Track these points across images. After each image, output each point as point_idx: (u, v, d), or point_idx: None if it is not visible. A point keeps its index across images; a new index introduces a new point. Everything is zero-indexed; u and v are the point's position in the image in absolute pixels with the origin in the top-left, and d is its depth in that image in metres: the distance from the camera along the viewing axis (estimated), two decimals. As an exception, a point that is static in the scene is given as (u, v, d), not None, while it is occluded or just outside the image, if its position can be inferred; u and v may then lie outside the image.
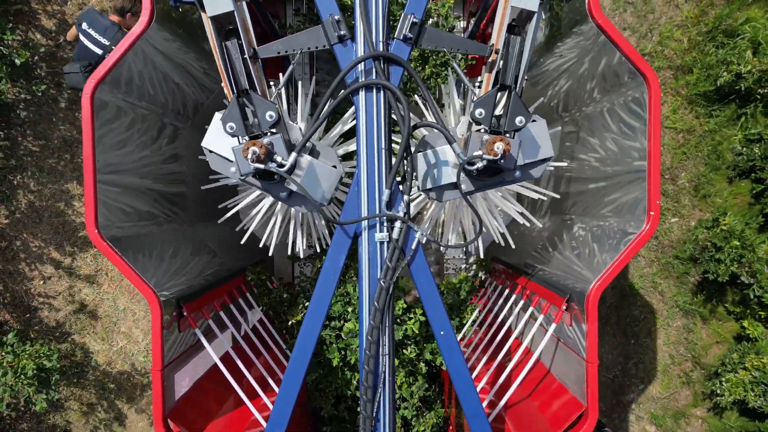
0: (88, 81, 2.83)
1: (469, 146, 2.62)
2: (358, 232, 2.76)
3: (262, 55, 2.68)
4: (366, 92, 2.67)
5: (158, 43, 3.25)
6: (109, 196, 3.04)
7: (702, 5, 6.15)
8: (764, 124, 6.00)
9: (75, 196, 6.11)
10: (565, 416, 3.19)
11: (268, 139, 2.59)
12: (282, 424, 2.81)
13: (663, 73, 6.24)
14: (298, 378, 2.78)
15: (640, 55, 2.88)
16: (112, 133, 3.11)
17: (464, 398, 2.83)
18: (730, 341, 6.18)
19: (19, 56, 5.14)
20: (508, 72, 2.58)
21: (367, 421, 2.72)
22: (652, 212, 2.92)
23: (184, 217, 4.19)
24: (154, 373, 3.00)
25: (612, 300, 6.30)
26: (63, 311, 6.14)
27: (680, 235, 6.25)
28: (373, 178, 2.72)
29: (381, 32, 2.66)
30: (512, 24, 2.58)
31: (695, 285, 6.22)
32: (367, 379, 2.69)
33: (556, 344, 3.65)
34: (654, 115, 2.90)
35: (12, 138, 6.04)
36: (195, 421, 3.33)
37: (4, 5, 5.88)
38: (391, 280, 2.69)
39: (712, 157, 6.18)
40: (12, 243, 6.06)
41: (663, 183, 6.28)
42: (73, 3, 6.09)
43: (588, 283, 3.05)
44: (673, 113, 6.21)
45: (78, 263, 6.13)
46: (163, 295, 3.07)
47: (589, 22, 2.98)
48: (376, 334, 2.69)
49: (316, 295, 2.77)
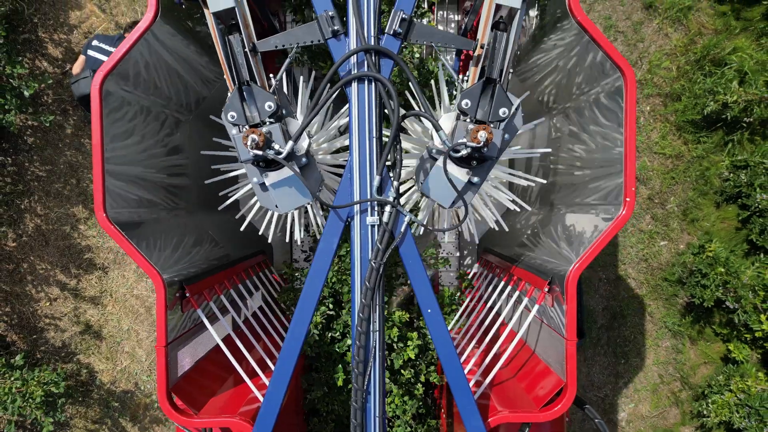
0: (97, 73, 3.01)
1: (455, 135, 2.78)
2: (351, 216, 2.93)
3: (261, 49, 2.84)
4: (358, 84, 2.83)
5: (163, 37, 3.40)
6: (115, 183, 3.20)
7: (690, 34, 6.33)
8: (750, 151, 6.17)
9: (81, 220, 6.28)
10: (547, 392, 3.38)
11: (267, 127, 2.76)
12: (278, 399, 2.99)
13: (653, 100, 6.42)
14: (294, 354, 2.96)
15: (617, 50, 3.04)
16: (118, 124, 3.27)
17: (450, 373, 2.99)
18: (717, 362, 6.35)
19: (28, 88, 5.31)
20: (494, 66, 2.74)
21: (358, 393, 2.90)
22: (628, 198, 3.07)
23: (186, 206, 4.33)
24: (158, 348, 3.17)
25: (603, 321, 6.48)
26: (68, 332, 6.31)
27: (669, 257, 6.42)
28: (364, 165, 2.88)
29: (372, 27, 2.82)
30: (498, 20, 2.74)
31: (683, 307, 6.39)
32: (359, 353, 2.88)
33: (540, 326, 3.82)
34: (630, 105, 3.04)
35: (19, 163, 6.21)
36: (197, 397, 3.50)
37: (13, 34, 6.06)
38: (381, 260, 2.86)
39: (700, 183, 6.35)
40: (19, 265, 6.23)
41: (652, 207, 6.45)
42: (79, 31, 6.27)
43: (568, 266, 3.20)
44: (662, 139, 6.38)
45: (83, 285, 6.30)
46: (167, 276, 3.22)
47: (570, 19, 3.14)
48: (366, 312, 2.87)
49: (312, 273, 2.95)
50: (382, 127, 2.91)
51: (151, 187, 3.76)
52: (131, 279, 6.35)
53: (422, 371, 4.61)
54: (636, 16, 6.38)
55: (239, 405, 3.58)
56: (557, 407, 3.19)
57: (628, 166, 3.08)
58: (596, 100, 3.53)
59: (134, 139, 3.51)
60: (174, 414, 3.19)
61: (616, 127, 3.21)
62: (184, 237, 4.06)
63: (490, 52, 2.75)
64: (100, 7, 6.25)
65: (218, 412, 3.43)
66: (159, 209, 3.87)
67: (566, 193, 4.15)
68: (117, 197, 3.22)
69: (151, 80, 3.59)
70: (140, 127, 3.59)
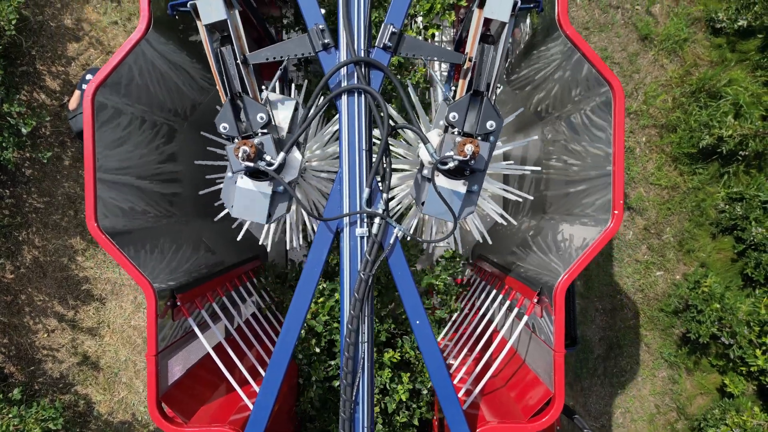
0: (89, 84, 3.03)
1: (443, 147, 2.78)
2: (341, 228, 2.94)
3: (252, 61, 2.86)
4: (348, 96, 2.86)
5: (156, 46, 3.42)
6: (107, 193, 3.20)
7: (686, 66, 6.35)
8: (746, 183, 6.19)
9: (78, 251, 6.30)
10: (535, 403, 3.39)
11: (259, 139, 2.77)
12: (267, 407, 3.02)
13: (648, 131, 6.44)
14: (284, 361, 2.98)
15: (605, 64, 3.06)
16: (110, 133, 3.28)
17: (438, 384, 3.01)
18: (713, 392, 6.36)
19: (26, 125, 5.33)
20: (482, 79, 2.75)
21: (347, 404, 2.90)
22: (616, 211, 3.08)
23: (180, 214, 4.34)
24: (148, 357, 3.16)
25: (600, 351, 6.49)
26: (66, 363, 6.32)
27: (665, 288, 6.44)
28: (354, 177, 2.90)
29: (362, 40, 2.84)
30: (486, 33, 2.75)
31: (680, 338, 6.41)
32: (347, 364, 2.89)
33: (530, 336, 3.82)
34: (618, 118, 3.06)
35: (17, 195, 6.24)
36: (187, 405, 3.49)
37: (11, 67, 6.08)
38: (371, 272, 2.87)
39: (696, 214, 6.37)
40: (17, 297, 6.26)
41: (648, 237, 6.47)
42: (77, 63, 6.30)
43: (557, 277, 3.21)
44: (658, 170, 6.40)
45: (81, 316, 6.32)
46: (158, 285, 3.21)
47: (560, 33, 3.15)
48: (355, 323, 2.87)
49: (301, 283, 2.97)
50: (372, 139, 2.93)
51: (145, 195, 3.76)
52: (129, 310, 6.37)
53: (416, 412, 4.63)
54: (632, 48, 6.41)
55: (230, 413, 3.58)
56: (545, 418, 3.20)
57: (616, 180, 3.09)
58: (586, 113, 3.55)
59: (127, 148, 3.51)
60: (163, 423, 3.18)
61: (606, 141, 3.22)
62: (177, 245, 4.05)
63: (477, 65, 2.75)
64: (98, 40, 6.28)
65: (209, 421, 3.42)
66: (152, 217, 3.86)
67: (558, 203, 4.16)
68: (109, 206, 3.22)
69: (144, 89, 3.59)
70: (133, 135, 3.59)
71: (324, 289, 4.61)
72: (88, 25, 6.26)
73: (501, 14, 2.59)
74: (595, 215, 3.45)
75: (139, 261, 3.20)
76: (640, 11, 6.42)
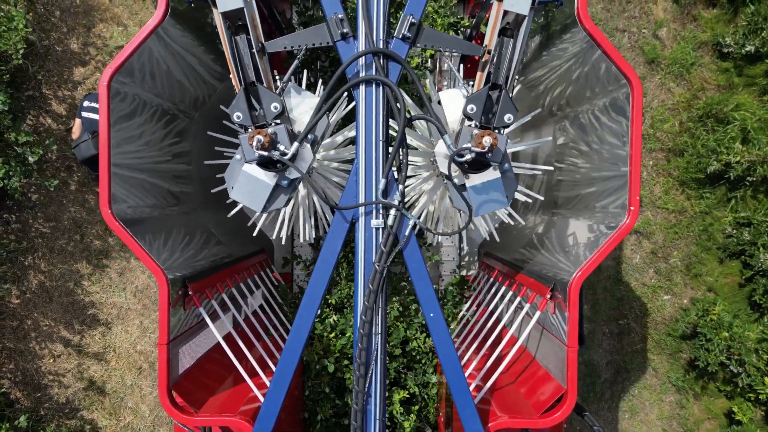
0: (105, 70, 3.02)
1: (459, 139, 2.77)
2: (356, 218, 2.93)
3: (269, 50, 2.84)
4: (366, 87, 2.85)
5: (171, 35, 3.41)
6: (120, 180, 3.21)
7: (693, 90, 6.34)
8: (753, 208, 6.18)
9: (84, 276, 6.28)
10: (547, 399, 3.38)
11: (273, 128, 2.77)
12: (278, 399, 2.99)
13: (655, 155, 6.43)
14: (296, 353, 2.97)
15: (625, 61, 3.03)
16: (124, 122, 3.28)
17: (451, 377, 3.00)
18: (721, 417, 6.34)
19: (33, 154, 5.32)
20: (500, 72, 2.75)
21: (359, 395, 2.90)
22: (631, 207, 3.08)
23: (189, 204, 4.34)
24: (160, 346, 3.17)
25: (607, 375, 6.47)
26: (72, 388, 6.30)
27: (673, 312, 6.42)
28: (370, 167, 2.89)
29: (381, 31, 2.83)
30: (505, 27, 2.74)
31: (687, 362, 6.39)
32: (361, 356, 2.88)
33: (540, 332, 3.81)
34: (636, 114, 3.06)
35: (23, 220, 6.22)
36: (196, 395, 3.49)
37: (17, 92, 6.07)
38: (385, 263, 2.86)
39: (703, 238, 6.35)
40: (23, 322, 6.24)
41: (656, 261, 6.46)
42: (84, 87, 6.28)
43: (571, 273, 3.20)
44: (665, 194, 6.39)
45: (87, 341, 6.30)
46: (170, 274, 3.23)
47: (578, 28, 3.14)
48: (369, 314, 2.86)
49: (315, 273, 2.96)
50: (388, 130, 2.92)
51: (156, 184, 3.76)
52: (135, 334, 6.35)
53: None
54: (639, 71, 6.39)
55: (239, 404, 3.57)
56: (558, 413, 3.18)
57: (633, 176, 3.08)
58: (602, 110, 3.52)
59: (139, 136, 3.50)
60: (174, 412, 3.17)
61: (622, 138, 3.21)
62: (187, 235, 4.05)
63: (496, 57, 2.75)
64: (104, 64, 6.26)
65: (218, 411, 3.42)
66: (162, 207, 3.86)
67: (570, 200, 4.14)
68: (121, 194, 3.22)
69: (157, 77, 3.58)
70: (146, 123, 3.59)
71: (336, 324, 4.60)
72: (95, 50, 6.25)
73: (520, 7, 2.58)
74: (607, 211, 3.41)
75: (151, 248, 3.19)
76: (647, 35, 6.41)
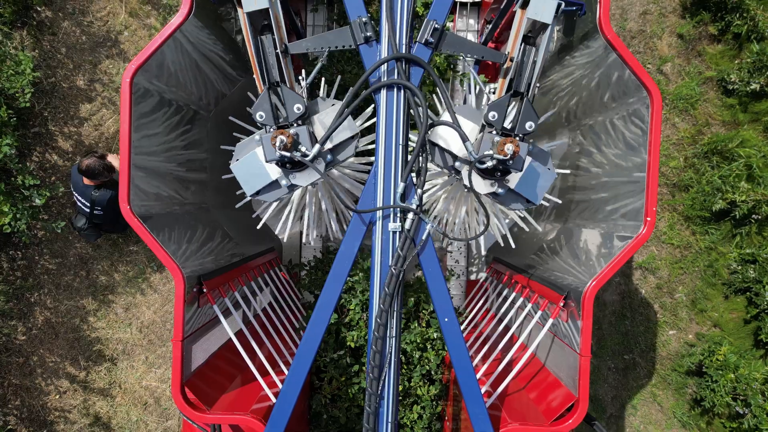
0: (128, 66, 3.03)
1: (480, 146, 2.79)
2: (373, 221, 2.95)
3: (292, 51, 2.86)
4: (387, 91, 2.86)
5: (192, 33, 3.43)
6: (138, 177, 3.23)
7: (698, 125, 6.35)
8: (759, 244, 6.18)
9: (90, 312, 6.29)
10: (557, 406, 3.37)
11: (295, 129, 2.79)
12: (292, 398, 3.01)
13: (660, 190, 6.44)
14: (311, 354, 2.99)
15: (645, 70, 3.04)
16: (143, 118, 3.30)
17: (463, 381, 3.02)
18: (727, 453, 6.34)
19: (41, 197, 5.33)
20: (522, 79, 2.77)
21: (372, 397, 2.90)
22: (648, 218, 3.07)
23: (204, 202, 4.36)
24: (175, 342, 3.19)
25: (612, 410, 6.47)
26: (78, 424, 6.31)
27: (678, 347, 6.42)
28: (389, 171, 2.91)
29: (404, 35, 2.84)
30: (527, 34, 2.76)
31: (692, 397, 6.39)
32: (374, 358, 2.89)
33: (551, 340, 3.81)
34: (655, 125, 3.07)
35: (29, 257, 6.23)
36: (208, 393, 3.51)
37: (23, 129, 6.09)
38: (402, 267, 2.86)
39: (708, 273, 6.36)
40: (29, 359, 6.25)
41: (661, 296, 6.46)
42: (90, 124, 6.30)
43: (585, 282, 3.20)
44: (670, 229, 6.40)
45: (92, 377, 6.31)
46: (186, 271, 3.24)
47: (598, 37, 3.14)
48: (384, 317, 2.87)
49: (332, 275, 2.96)
50: (408, 134, 2.93)
51: (171, 181, 3.78)
52: (140, 370, 6.36)
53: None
54: (643, 107, 6.40)
55: (250, 403, 3.58)
56: (569, 422, 3.18)
57: (650, 186, 3.08)
58: (620, 119, 3.52)
59: (156, 132, 3.52)
60: (187, 408, 3.18)
61: (639, 147, 3.21)
62: (202, 233, 4.07)
63: (518, 65, 2.77)
64: (111, 100, 6.28)
65: (230, 409, 3.43)
66: (178, 203, 3.88)
67: (585, 208, 4.13)
68: (140, 189, 3.24)
69: (176, 75, 3.60)
70: (163, 120, 3.61)
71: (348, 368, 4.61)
72: (101, 86, 6.26)
73: (545, 16, 2.61)
74: (623, 220, 3.41)
75: (168, 246, 3.22)
76: (652, 70, 6.42)
